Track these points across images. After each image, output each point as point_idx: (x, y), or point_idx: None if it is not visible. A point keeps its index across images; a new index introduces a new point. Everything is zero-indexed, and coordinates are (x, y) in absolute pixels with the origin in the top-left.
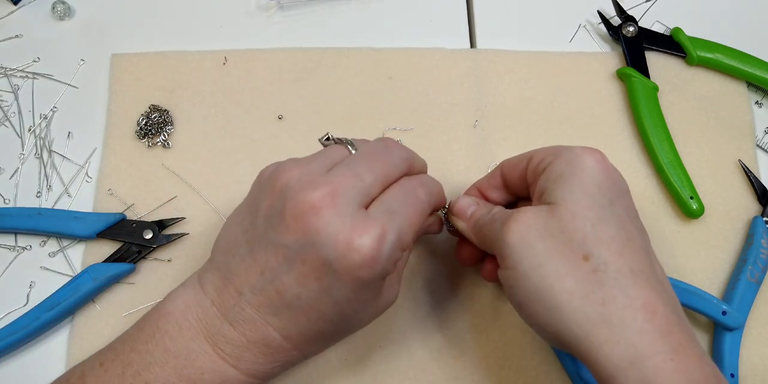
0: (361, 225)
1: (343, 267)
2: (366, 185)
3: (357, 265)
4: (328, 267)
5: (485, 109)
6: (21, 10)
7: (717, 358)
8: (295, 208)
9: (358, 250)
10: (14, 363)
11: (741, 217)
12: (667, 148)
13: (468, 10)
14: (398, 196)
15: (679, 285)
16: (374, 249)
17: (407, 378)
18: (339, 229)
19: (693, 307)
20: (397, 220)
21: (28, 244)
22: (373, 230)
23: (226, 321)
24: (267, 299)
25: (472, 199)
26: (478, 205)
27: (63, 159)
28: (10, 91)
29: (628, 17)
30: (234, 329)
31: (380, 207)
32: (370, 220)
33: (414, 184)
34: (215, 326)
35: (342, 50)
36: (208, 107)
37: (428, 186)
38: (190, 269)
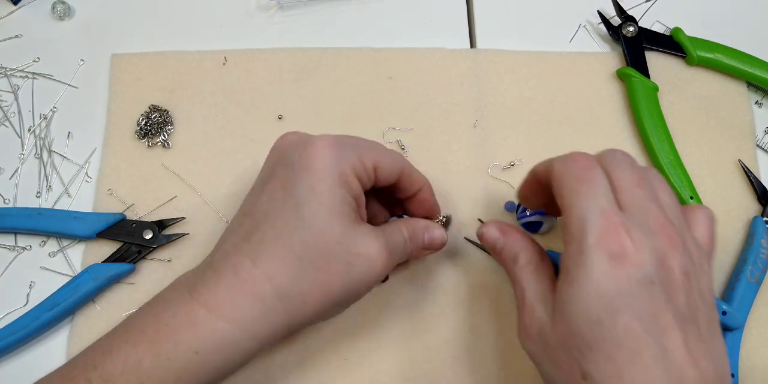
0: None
1: (301, 162)
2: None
3: (312, 155)
4: (291, 169)
5: (485, 109)
6: (21, 10)
7: None
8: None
9: (314, 144)
10: (14, 363)
11: (741, 217)
12: (667, 148)
13: (468, 10)
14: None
15: None
16: (329, 142)
17: (407, 378)
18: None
19: None
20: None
21: (28, 244)
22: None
23: (209, 267)
24: (243, 230)
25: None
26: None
27: (63, 159)
28: (10, 91)
29: (628, 17)
30: (212, 269)
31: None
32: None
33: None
34: (199, 276)
35: (342, 50)
36: (208, 107)
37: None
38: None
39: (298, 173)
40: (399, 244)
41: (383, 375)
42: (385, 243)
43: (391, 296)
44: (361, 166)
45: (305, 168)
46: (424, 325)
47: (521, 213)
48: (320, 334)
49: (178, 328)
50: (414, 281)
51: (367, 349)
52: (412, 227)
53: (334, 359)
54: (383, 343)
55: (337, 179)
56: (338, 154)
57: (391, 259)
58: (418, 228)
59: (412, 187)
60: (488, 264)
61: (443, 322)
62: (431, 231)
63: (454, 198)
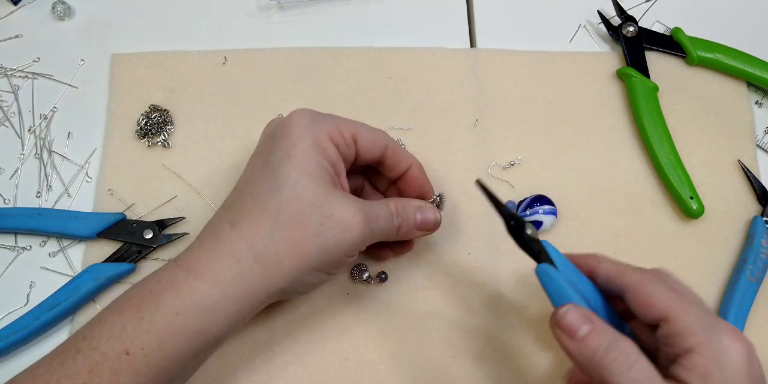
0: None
1: (279, 132)
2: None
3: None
4: (271, 140)
5: (485, 108)
6: (21, 10)
7: None
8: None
9: (292, 115)
10: (15, 363)
11: (741, 217)
12: (667, 148)
13: (468, 10)
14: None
15: None
16: (307, 113)
17: (407, 378)
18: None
19: None
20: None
21: (28, 244)
22: (310, 109)
23: (197, 241)
24: (228, 201)
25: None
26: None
27: (63, 159)
28: (10, 91)
29: (628, 17)
30: (198, 241)
31: None
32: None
33: None
34: (187, 249)
35: (342, 50)
36: (208, 107)
37: None
38: None
39: (276, 141)
40: (381, 215)
41: (383, 375)
42: (362, 208)
43: (391, 296)
44: (338, 133)
45: (282, 135)
46: (424, 325)
47: (521, 212)
48: (320, 334)
49: (160, 292)
50: (414, 281)
51: (367, 349)
52: (402, 204)
53: (334, 359)
54: (383, 343)
55: (311, 143)
56: (313, 121)
57: (367, 226)
58: (410, 206)
59: (399, 164)
60: (488, 264)
61: (443, 322)
62: (424, 211)
63: (454, 198)
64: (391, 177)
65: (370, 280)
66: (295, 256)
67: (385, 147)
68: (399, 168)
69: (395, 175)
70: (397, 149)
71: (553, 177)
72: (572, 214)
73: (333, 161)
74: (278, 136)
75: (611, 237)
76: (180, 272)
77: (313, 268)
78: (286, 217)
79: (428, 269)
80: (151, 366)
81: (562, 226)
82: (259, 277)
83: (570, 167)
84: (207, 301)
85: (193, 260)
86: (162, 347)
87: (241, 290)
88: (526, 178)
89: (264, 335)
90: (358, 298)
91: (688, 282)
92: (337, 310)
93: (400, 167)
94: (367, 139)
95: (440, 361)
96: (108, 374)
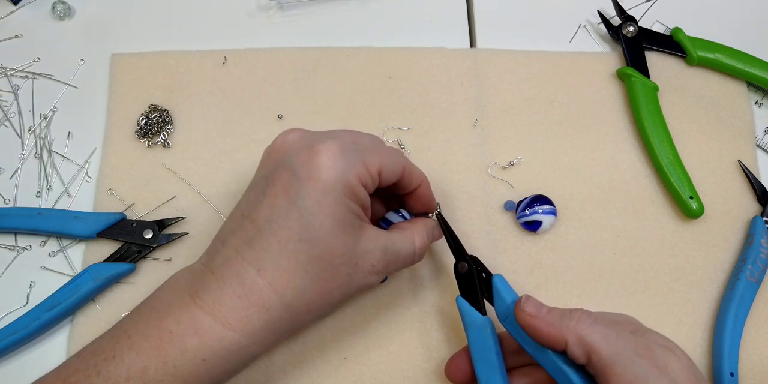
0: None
1: (305, 171)
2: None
3: (317, 166)
4: (294, 176)
5: (485, 108)
6: (21, 10)
7: (717, 357)
8: (273, 146)
9: (318, 152)
10: (14, 363)
11: (741, 217)
12: (667, 148)
13: (468, 10)
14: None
15: None
16: (335, 151)
17: (407, 378)
18: (305, 143)
19: None
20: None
21: (28, 244)
22: (334, 141)
23: (209, 270)
24: (244, 233)
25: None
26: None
27: (63, 159)
28: (10, 91)
29: (628, 17)
30: (213, 274)
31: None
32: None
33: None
34: (199, 279)
35: (342, 50)
36: (208, 107)
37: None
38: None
39: (303, 182)
40: (402, 254)
41: (383, 375)
42: (384, 253)
43: (391, 296)
44: (366, 173)
45: (310, 178)
46: (424, 325)
47: (520, 212)
48: (320, 334)
49: (183, 336)
50: (414, 281)
51: (367, 349)
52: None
53: (334, 359)
54: (383, 343)
55: (343, 190)
56: (344, 164)
57: (386, 269)
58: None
59: (412, 184)
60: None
61: (443, 321)
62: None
63: (454, 197)
64: (400, 193)
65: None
66: (322, 303)
67: (402, 170)
68: (411, 187)
69: (405, 192)
70: (412, 169)
71: (553, 177)
72: (572, 214)
73: (363, 203)
74: (305, 177)
75: (611, 237)
76: (204, 317)
77: (334, 307)
78: (316, 269)
79: (428, 269)
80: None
81: (562, 226)
82: (286, 323)
83: (570, 167)
84: (234, 347)
85: (217, 305)
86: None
87: (269, 336)
88: (526, 178)
89: None
90: (358, 299)
91: (688, 282)
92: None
93: (412, 186)
94: (389, 170)
95: (440, 361)
96: None
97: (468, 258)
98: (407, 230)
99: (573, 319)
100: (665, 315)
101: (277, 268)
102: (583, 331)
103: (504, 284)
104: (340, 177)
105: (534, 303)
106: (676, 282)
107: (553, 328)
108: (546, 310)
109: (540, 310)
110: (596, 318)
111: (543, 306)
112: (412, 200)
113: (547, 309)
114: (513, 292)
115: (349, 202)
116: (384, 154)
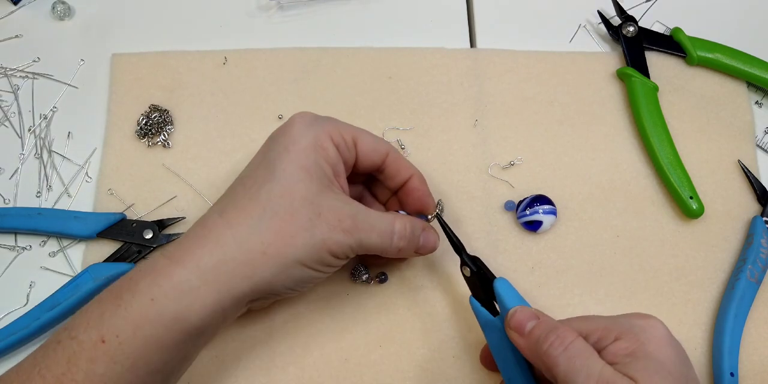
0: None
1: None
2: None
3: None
4: (272, 139)
5: (485, 108)
6: (21, 10)
7: (717, 357)
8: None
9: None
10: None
11: (741, 217)
12: (667, 148)
13: (468, 10)
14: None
15: None
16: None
17: (407, 378)
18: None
19: None
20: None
21: (28, 244)
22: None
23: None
24: (222, 196)
25: (532, 311)
26: (540, 320)
27: (63, 159)
28: (10, 91)
29: (628, 17)
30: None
31: None
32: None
33: None
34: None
35: (342, 50)
36: (208, 107)
37: None
38: None
39: (275, 139)
40: (377, 228)
41: (383, 375)
42: (354, 215)
43: (391, 296)
44: (338, 135)
45: (282, 133)
46: (424, 325)
47: (521, 212)
48: (320, 335)
49: (138, 279)
50: (414, 281)
51: (366, 349)
52: (411, 226)
53: (334, 359)
54: (383, 343)
55: (311, 142)
56: (314, 121)
57: (355, 234)
58: (417, 228)
59: (400, 173)
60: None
61: (443, 321)
62: (428, 233)
63: (454, 197)
64: (392, 186)
65: (370, 281)
66: (281, 245)
67: (386, 154)
68: (399, 177)
69: (395, 184)
70: (398, 158)
71: (553, 177)
72: (572, 214)
73: (333, 162)
74: (278, 135)
75: (611, 237)
76: (162, 259)
77: (299, 261)
78: (275, 208)
79: (428, 269)
80: (127, 354)
81: (562, 226)
82: (241, 264)
83: (570, 167)
84: (184, 286)
85: (176, 248)
86: (138, 334)
87: (222, 277)
88: (526, 178)
89: (263, 336)
90: (358, 299)
91: (688, 282)
92: (337, 310)
93: (401, 176)
94: (367, 144)
95: (440, 361)
96: (85, 363)
97: (470, 261)
98: (390, 214)
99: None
100: (665, 315)
101: (237, 208)
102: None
103: (506, 288)
104: (309, 130)
105: (519, 320)
106: (676, 282)
107: (531, 351)
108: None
109: (523, 329)
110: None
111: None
112: (405, 195)
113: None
114: (515, 296)
115: (317, 155)
116: (362, 130)
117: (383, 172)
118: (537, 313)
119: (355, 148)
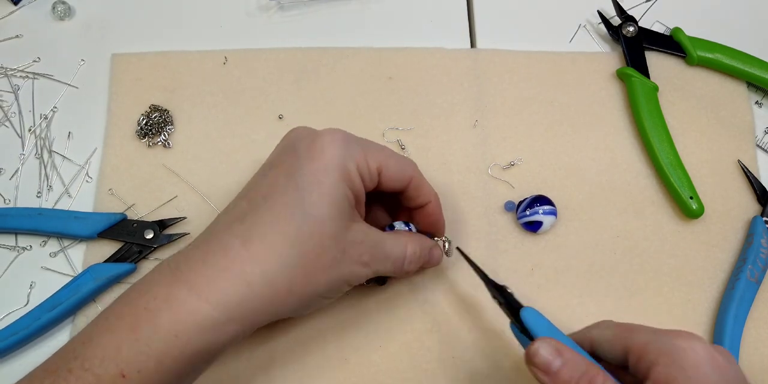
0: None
1: (308, 152)
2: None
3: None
4: (297, 157)
5: (485, 109)
6: (21, 10)
7: None
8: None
9: (322, 136)
10: (15, 363)
11: (741, 217)
12: (667, 148)
13: (468, 10)
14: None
15: None
16: (338, 137)
17: (407, 378)
18: (312, 132)
19: None
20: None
21: (28, 245)
22: (340, 131)
23: (194, 245)
24: (237, 211)
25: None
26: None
27: (63, 159)
28: (10, 91)
29: (628, 17)
30: (198, 249)
31: None
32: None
33: None
34: (183, 254)
35: (342, 50)
36: (208, 107)
37: None
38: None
39: (303, 161)
40: (392, 256)
41: (383, 375)
42: (373, 248)
43: (391, 297)
44: (365, 164)
45: (312, 158)
46: (424, 326)
47: (521, 212)
48: (320, 335)
49: (157, 311)
50: (414, 282)
51: (367, 349)
52: (419, 248)
53: (334, 359)
54: (383, 343)
55: (341, 173)
56: (345, 149)
57: (373, 266)
58: (425, 247)
59: (420, 198)
60: (488, 264)
61: (443, 322)
62: (434, 250)
63: (454, 198)
64: (407, 206)
65: (370, 282)
66: (305, 284)
67: (409, 181)
68: (418, 201)
69: (412, 206)
70: (421, 183)
71: (553, 177)
72: (572, 214)
73: (357, 192)
74: (307, 157)
75: (611, 237)
76: (180, 289)
77: (320, 296)
78: (305, 247)
79: (428, 270)
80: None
81: (562, 226)
82: (266, 302)
83: (570, 167)
84: (208, 322)
85: (195, 275)
86: (159, 369)
87: (247, 314)
88: (526, 178)
89: (263, 336)
90: (358, 299)
91: (688, 282)
92: (336, 310)
93: (419, 201)
94: (391, 173)
95: (440, 361)
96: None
97: (497, 293)
98: (402, 237)
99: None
100: (665, 315)
101: (264, 241)
102: None
103: (534, 319)
104: (339, 160)
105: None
106: (676, 282)
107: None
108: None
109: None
110: None
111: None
112: (420, 216)
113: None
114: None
115: (345, 187)
116: (389, 156)
117: (403, 194)
118: (559, 347)
119: (378, 176)
